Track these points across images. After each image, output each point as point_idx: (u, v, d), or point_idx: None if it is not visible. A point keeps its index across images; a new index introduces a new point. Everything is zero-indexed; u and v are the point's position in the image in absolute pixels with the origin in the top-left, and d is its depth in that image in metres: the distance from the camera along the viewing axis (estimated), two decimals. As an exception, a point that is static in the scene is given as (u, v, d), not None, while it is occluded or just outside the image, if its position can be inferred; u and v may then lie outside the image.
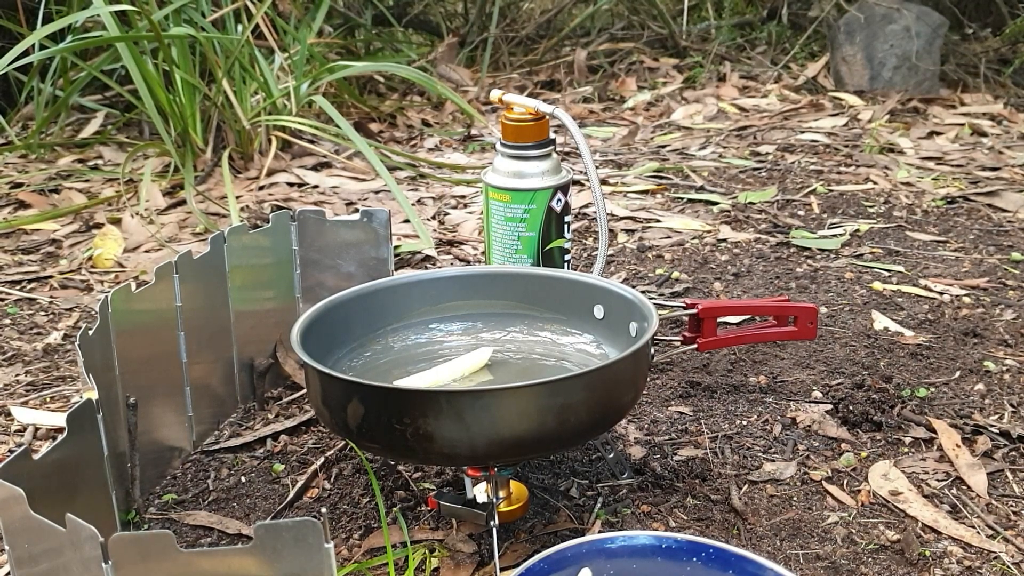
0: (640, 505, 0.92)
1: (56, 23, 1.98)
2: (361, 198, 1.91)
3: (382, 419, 0.78)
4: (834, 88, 2.80)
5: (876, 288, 1.42)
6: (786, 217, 1.75)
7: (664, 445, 1.02)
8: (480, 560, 0.84)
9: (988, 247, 1.59)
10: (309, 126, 2.12)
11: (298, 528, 0.57)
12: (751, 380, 1.15)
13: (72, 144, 2.29)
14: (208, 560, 0.58)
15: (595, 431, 0.87)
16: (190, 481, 0.99)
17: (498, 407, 0.77)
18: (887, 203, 1.82)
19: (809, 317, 1.11)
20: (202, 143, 2.04)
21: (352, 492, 0.95)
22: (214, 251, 1.04)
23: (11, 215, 1.87)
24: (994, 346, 1.23)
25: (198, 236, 1.72)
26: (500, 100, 1.16)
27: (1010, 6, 3.00)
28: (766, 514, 0.90)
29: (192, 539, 0.89)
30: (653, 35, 3.25)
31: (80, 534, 0.59)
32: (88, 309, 1.43)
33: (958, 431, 1.03)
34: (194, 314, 1.00)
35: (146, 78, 1.93)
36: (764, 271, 1.50)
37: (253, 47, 2.15)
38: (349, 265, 1.13)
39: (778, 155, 2.17)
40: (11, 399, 1.16)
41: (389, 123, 2.56)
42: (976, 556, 0.85)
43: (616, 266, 1.54)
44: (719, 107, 2.65)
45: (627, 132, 2.42)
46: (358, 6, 3.18)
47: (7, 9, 2.43)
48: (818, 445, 1.02)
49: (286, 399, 1.13)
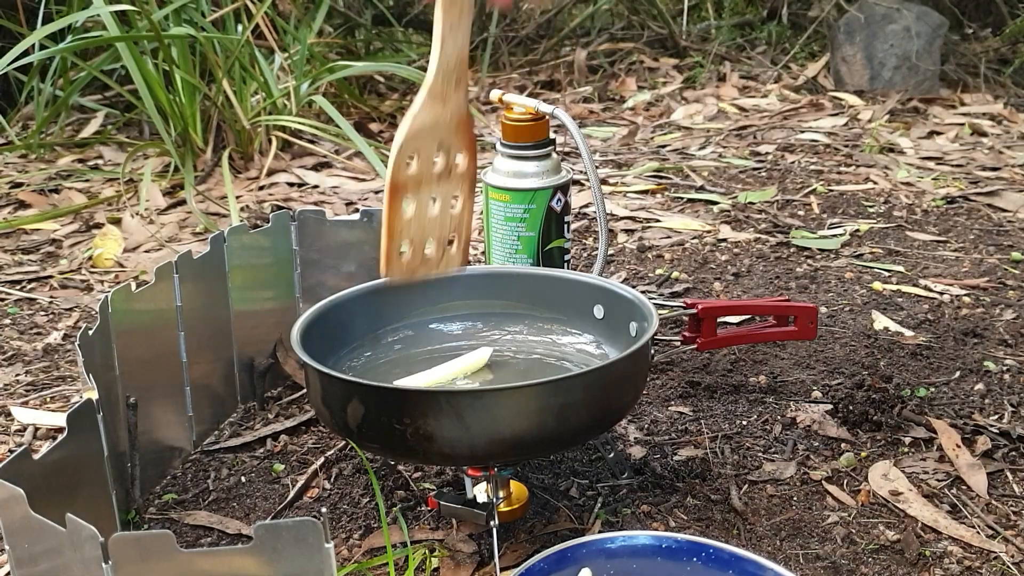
0: (640, 505, 0.92)
1: (56, 23, 1.98)
2: (361, 198, 1.91)
3: (382, 419, 0.78)
4: (834, 88, 2.80)
5: (876, 288, 1.42)
6: (786, 217, 1.75)
7: (664, 445, 1.02)
8: (480, 560, 0.84)
9: (988, 247, 1.59)
10: (309, 126, 2.12)
11: (298, 528, 0.57)
12: (751, 380, 1.15)
13: (72, 144, 2.29)
14: (208, 560, 0.58)
15: (595, 431, 0.87)
16: (190, 481, 0.99)
17: (498, 407, 0.77)
18: (887, 203, 1.82)
19: (809, 317, 1.11)
20: (202, 143, 2.04)
21: (352, 492, 0.95)
22: (214, 251, 1.04)
23: (11, 215, 1.87)
24: (994, 346, 1.23)
25: (198, 236, 1.72)
26: (500, 100, 1.16)
27: (1010, 6, 3.00)
28: (766, 514, 0.91)
29: (192, 539, 0.89)
30: (653, 35, 3.25)
31: (80, 534, 0.59)
32: (88, 309, 1.43)
33: (958, 431, 1.03)
34: (194, 314, 1.00)
35: (146, 78, 1.93)
36: (764, 271, 1.50)
37: (253, 47, 2.15)
38: (349, 265, 1.13)
39: (778, 155, 2.17)
40: (11, 399, 1.16)
41: (389, 123, 2.56)
42: (976, 556, 0.85)
43: (616, 266, 1.54)
44: (719, 107, 2.65)
45: (627, 132, 2.42)
46: (358, 6, 3.18)
47: (7, 9, 2.43)
48: (818, 445, 1.02)
49: (286, 399, 1.13)
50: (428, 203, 0.85)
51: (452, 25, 0.79)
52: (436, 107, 0.82)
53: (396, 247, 0.85)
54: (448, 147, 0.84)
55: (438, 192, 0.85)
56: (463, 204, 0.87)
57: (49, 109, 2.28)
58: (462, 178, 0.86)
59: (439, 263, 0.88)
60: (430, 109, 0.81)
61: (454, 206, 0.87)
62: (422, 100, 0.81)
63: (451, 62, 0.80)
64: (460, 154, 0.85)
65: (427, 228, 0.86)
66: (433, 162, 0.84)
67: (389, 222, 0.84)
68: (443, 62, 0.80)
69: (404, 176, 0.82)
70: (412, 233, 0.85)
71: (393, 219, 0.83)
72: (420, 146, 0.82)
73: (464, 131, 0.84)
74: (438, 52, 0.80)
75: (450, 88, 0.81)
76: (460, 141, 0.84)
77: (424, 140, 0.82)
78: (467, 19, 0.80)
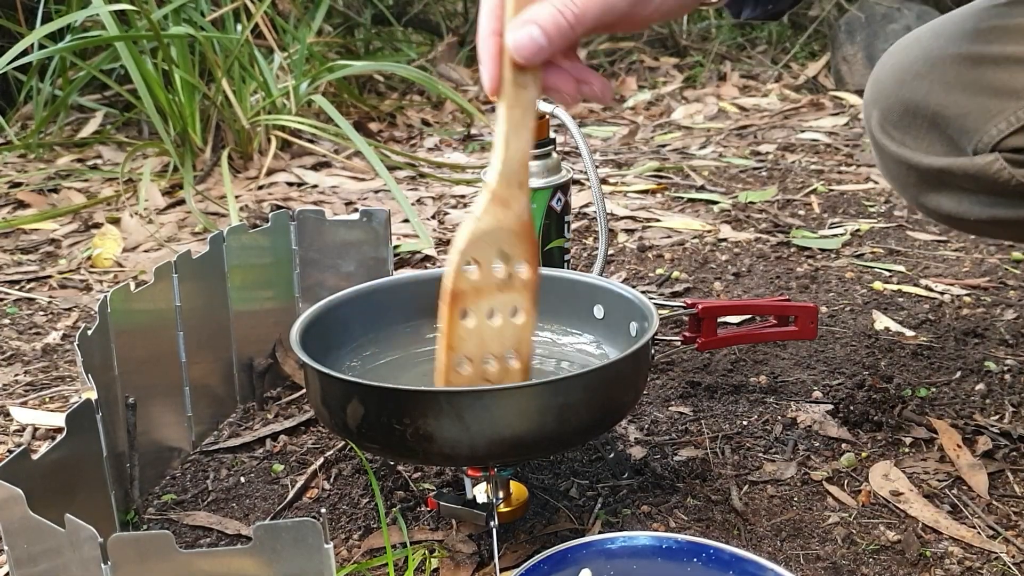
0: (640, 506, 0.91)
1: (55, 22, 1.98)
2: (361, 198, 1.91)
3: (382, 419, 0.78)
4: (834, 87, 2.80)
5: (877, 288, 1.42)
6: (786, 217, 1.75)
7: (664, 445, 1.02)
8: (480, 560, 0.84)
9: (988, 247, 1.59)
10: (309, 126, 2.12)
11: (297, 528, 0.57)
12: (751, 380, 1.15)
13: (71, 144, 2.29)
14: (207, 560, 0.58)
15: (595, 431, 0.87)
16: (189, 481, 0.98)
17: (498, 407, 0.77)
18: (888, 203, 1.82)
19: (809, 317, 1.11)
20: (201, 143, 2.03)
21: (352, 492, 0.95)
22: (213, 251, 1.04)
23: (10, 215, 1.86)
24: (995, 346, 1.23)
25: (197, 236, 1.71)
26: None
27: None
28: (766, 514, 0.90)
29: (191, 539, 0.89)
30: (653, 34, 3.25)
31: (79, 534, 0.58)
32: (87, 309, 1.42)
33: (959, 431, 1.03)
34: (193, 314, 1.00)
35: (145, 78, 1.93)
36: (764, 271, 1.50)
37: (252, 46, 2.15)
38: (348, 265, 1.13)
39: (778, 154, 2.17)
40: (10, 399, 1.16)
41: (389, 122, 2.56)
42: (977, 556, 0.85)
43: (616, 266, 1.54)
44: (719, 106, 2.65)
45: (627, 131, 2.42)
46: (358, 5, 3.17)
47: (7, 9, 2.43)
48: (818, 445, 1.02)
49: (286, 399, 1.13)
50: (488, 315, 0.78)
51: (515, 125, 0.74)
52: (498, 212, 0.75)
53: (455, 361, 0.78)
54: (509, 255, 0.77)
55: (499, 303, 0.78)
56: (525, 318, 0.79)
57: (48, 109, 2.28)
58: (523, 289, 0.79)
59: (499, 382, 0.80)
60: (492, 214, 0.76)
61: (515, 319, 0.79)
62: (484, 204, 0.75)
63: (514, 164, 0.75)
64: (522, 264, 0.78)
65: (487, 343, 0.79)
66: (493, 271, 0.78)
67: (448, 334, 0.77)
68: (506, 165, 0.75)
69: (464, 284, 0.76)
70: (471, 349, 0.78)
71: (452, 331, 0.77)
72: (480, 253, 0.76)
73: (526, 239, 0.77)
74: (501, 154, 0.74)
75: (513, 191, 0.75)
76: (522, 249, 0.78)
77: (485, 247, 0.76)
78: (531, 118, 0.74)
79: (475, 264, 0.77)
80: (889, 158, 1.07)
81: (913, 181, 1.05)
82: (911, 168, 1.04)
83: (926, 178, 1.03)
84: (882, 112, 1.06)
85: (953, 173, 0.99)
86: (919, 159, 1.02)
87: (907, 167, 1.04)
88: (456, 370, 0.78)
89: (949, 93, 0.97)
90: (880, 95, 1.06)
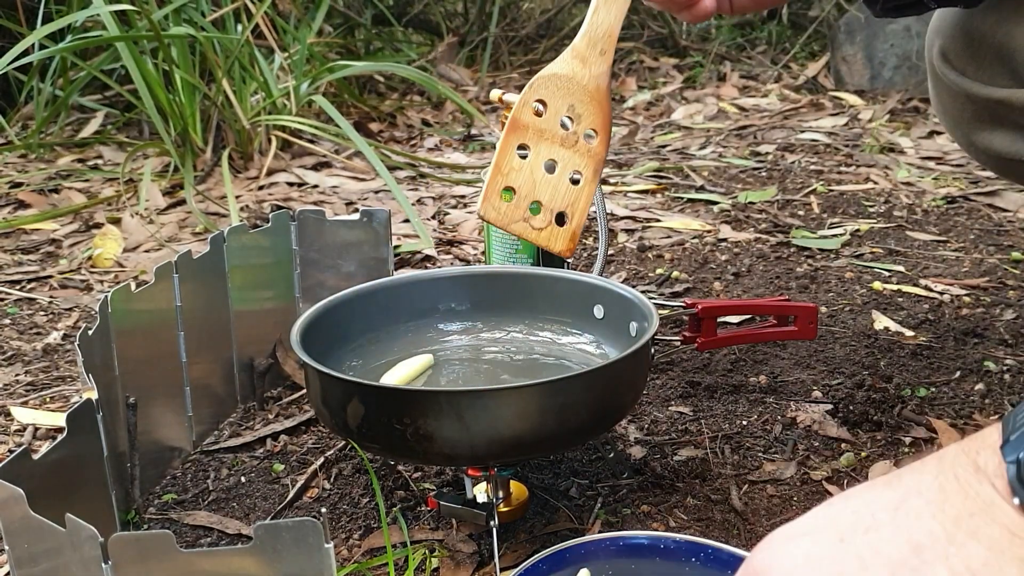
0: (640, 505, 0.92)
1: (56, 23, 1.98)
2: (361, 198, 1.91)
3: (382, 419, 0.78)
4: (834, 88, 2.80)
5: (876, 288, 1.42)
6: (786, 217, 1.75)
7: (664, 445, 1.02)
8: (480, 560, 0.84)
9: (988, 247, 1.59)
10: (309, 126, 2.12)
11: (298, 528, 0.57)
12: (751, 380, 1.15)
13: (72, 144, 2.29)
14: (208, 560, 0.58)
15: (595, 431, 0.87)
16: (190, 481, 0.99)
17: (498, 407, 0.77)
18: (887, 203, 1.82)
19: (809, 317, 1.11)
20: (202, 143, 2.04)
21: (352, 492, 0.95)
22: (214, 251, 1.04)
23: (11, 215, 1.87)
24: (994, 346, 1.23)
25: (198, 236, 1.72)
26: (500, 99, 1.16)
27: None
28: (766, 514, 0.90)
29: (192, 539, 0.89)
30: (653, 35, 3.25)
31: (80, 534, 0.59)
32: (88, 309, 1.43)
33: (958, 431, 1.03)
34: (194, 314, 1.00)
35: (146, 78, 1.93)
36: (764, 271, 1.50)
37: (253, 47, 2.15)
38: (349, 265, 1.13)
39: (778, 155, 2.17)
40: (11, 399, 1.16)
41: (389, 123, 2.56)
42: (976, 556, 0.85)
43: (616, 266, 1.54)
44: (719, 107, 2.65)
45: (627, 132, 2.42)
46: (358, 6, 3.18)
47: (7, 9, 2.43)
48: (818, 445, 1.02)
49: (286, 399, 1.13)
50: (547, 164, 0.80)
51: None
52: (576, 65, 0.79)
53: (499, 184, 0.80)
54: (580, 115, 0.80)
55: (561, 157, 0.80)
56: (584, 184, 0.81)
57: (49, 109, 2.28)
58: (589, 157, 0.81)
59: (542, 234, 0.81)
60: (569, 64, 0.79)
61: (576, 182, 0.81)
62: (564, 55, 0.79)
63: (600, 30, 0.79)
64: (592, 131, 0.81)
65: (539, 186, 0.80)
66: (562, 122, 0.80)
67: (500, 156, 0.79)
68: (592, 27, 0.79)
69: (527, 117, 0.79)
70: (521, 182, 0.80)
71: (504, 154, 0.79)
72: (550, 95, 0.80)
73: (600, 107, 0.80)
74: (590, 17, 0.79)
75: (594, 54, 0.79)
76: (594, 115, 0.80)
77: (555, 90, 0.79)
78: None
79: (543, 105, 0.80)
80: (945, 90, 1.04)
81: (968, 116, 1.03)
82: (968, 100, 1.01)
83: (982, 113, 1.01)
84: (945, 40, 1.03)
85: (1012, 106, 0.97)
86: (978, 90, 0.99)
87: (964, 99, 1.02)
88: (498, 195, 0.80)
89: (1019, 25, 0.95)
90: (945, 23, 1.04)
